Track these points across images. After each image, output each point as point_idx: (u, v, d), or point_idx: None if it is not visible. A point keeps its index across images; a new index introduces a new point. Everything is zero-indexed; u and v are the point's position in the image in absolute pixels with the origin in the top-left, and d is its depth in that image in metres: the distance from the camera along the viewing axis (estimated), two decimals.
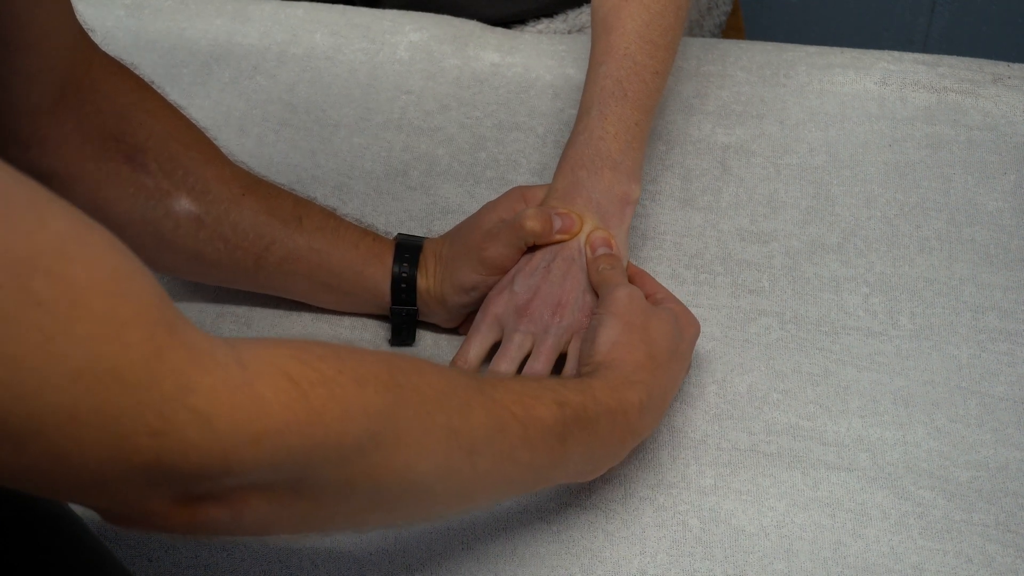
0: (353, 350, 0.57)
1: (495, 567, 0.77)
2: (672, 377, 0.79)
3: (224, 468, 0.48)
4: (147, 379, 0.46)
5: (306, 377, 0.51)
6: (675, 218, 0.97)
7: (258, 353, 0.51)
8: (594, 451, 0.72)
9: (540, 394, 0.67)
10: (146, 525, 0.51)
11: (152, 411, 0.46)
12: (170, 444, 0.47)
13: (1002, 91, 1.04)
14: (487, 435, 0.62)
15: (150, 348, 0.46)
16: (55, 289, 0.44)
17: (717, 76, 1.07)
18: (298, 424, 0.50)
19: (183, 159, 0.81)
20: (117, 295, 0.46)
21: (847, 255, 0.94)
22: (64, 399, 0.44)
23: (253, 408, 0.49)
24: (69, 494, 0.49)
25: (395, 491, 0.57)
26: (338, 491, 0.55)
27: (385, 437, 0.55)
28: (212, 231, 0.83)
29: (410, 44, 1.11)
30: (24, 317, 0.43)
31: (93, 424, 0.45)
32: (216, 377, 0.48)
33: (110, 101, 0.79)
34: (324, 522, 0.58)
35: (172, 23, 1.13)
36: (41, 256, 0.44)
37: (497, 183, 1.00)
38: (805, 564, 0.77)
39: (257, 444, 0.49)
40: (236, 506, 0.51)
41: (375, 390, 0.55)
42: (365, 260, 0.86)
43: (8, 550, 0.65)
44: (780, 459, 0.82)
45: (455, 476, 0.60)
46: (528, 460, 0.65)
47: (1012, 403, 0.85)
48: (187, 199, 0.81)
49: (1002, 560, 0.77)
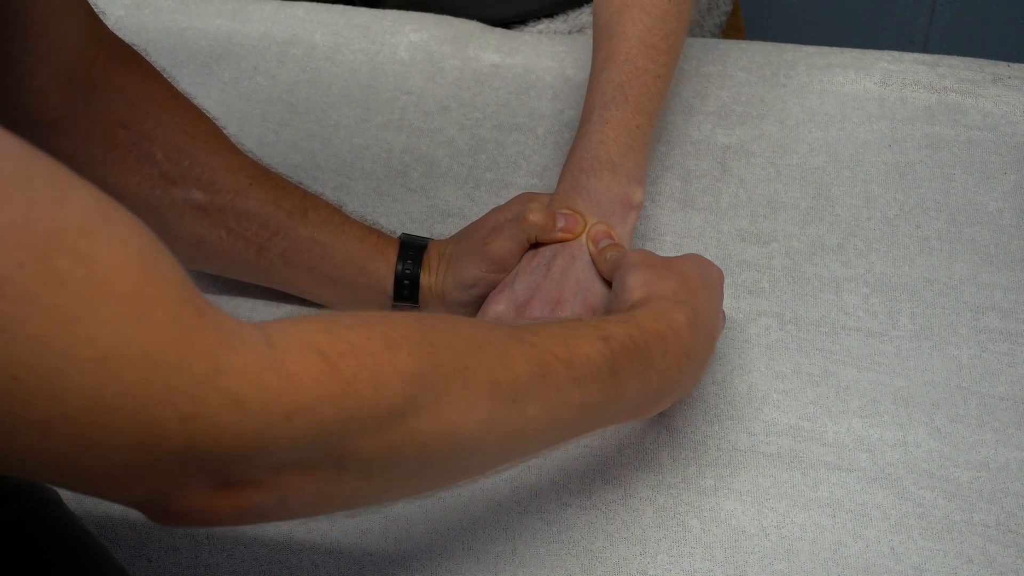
0: (381, 315, 0.55)
1: (495, 567, 0.77)
2: (712, 304, 0.77)
3: (258, 448, 0.47)
4: (176, 362, 0.45)
5: (335, 348, 0.50)
6: (675, 219, 0.97)
7: (285, 330, 0.50)
8: (650, 381, 0.69)
9: (582, 332, 0.65)
10: (193, 520, 0.49)
11: (182, 395, 0.45)
12: (201, 428, 0.45)
13: (1002, 91, 1.04)
14: (531, 381, 0.59)
15: (179, 330, 0.45)
16: (80, 268, 0.43)
17: (717, 76, 1.07)
18: (329, 397, 0.49)
19: (190, 148, 0.81)
20: (143, 275, 0.45)
21: (847, 255, 0.94)
22: (90, 382, 0.43)
23: (283, 386, 0.47)
24: (99, 486, 0.47)
25: (443, 452, 0.55)
26: (384, 461, 0.52)
27: (424, 399, 0.53)
28: (216, 219, 0.83)
29: (410, 44, 1.11)
30: (48, 297, 0.42)
31: (121, 408, 0.43)
32: (245, 357, 0.47)
33: (120, 88, 0.79)
34: (377, 494, 0.56)
35: (172, 23, 1.13)
36: (64, 233, 0.42)
37: (497, 185, 1.00)
38: (805, 564, 0.77)
39: (289, 421, 0.47)
40: (280, 489, 0.50)
41: (407, 352, 0.53)
42: (369, 255, 0.86)
43: (8, 550, 0.65)
44: (780, 460, 0.82)
45: (503, 427, 0.58)
46: (580, 400, 0.63)
47: (1012, 403, 0.85)
48: (193, 188, 0.81)
49: (1003, 560, 0.77)
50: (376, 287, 0.87)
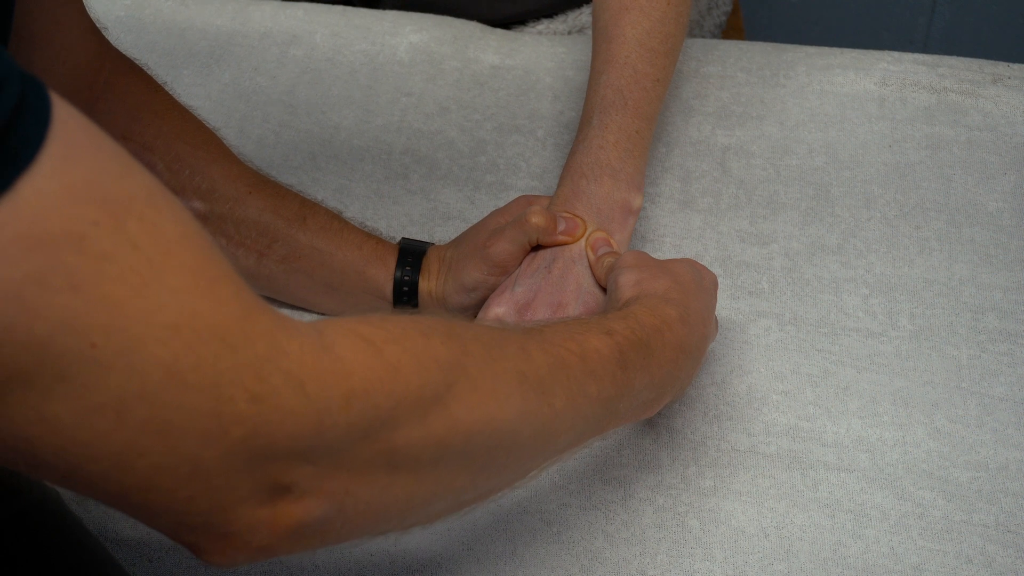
0: (408, 312, 0.55)
1: (495, 567, 0.77)
2: (704, 305, 0.77)
3: (318, 435, 0.47)
4: (243, 339, 0.44)
5: (377, 336, 0.50)
6: (675, 220, 0.97)
7: (326, 322, 0.50)
8: (653, 374, 0.70)
9: (586, 328, 0.66)
10: (251, 543, 0.48)
11: (250, 372, 0.44)
12: (267, 410, 0.45)
13: (1002, 91, 1.04)
14: (552, 373, 0.60)
15: (242, 307, 0.45)
16: (149, 236, 0.42)
17: (717, 77, 1.07)
18: (380, 382, 0.49)
19: (190, 158, 0.82)
20: (206, 251, 0.45)
21: (847, 256, 0.94)
22: (165, 354, 0.42)
23: (338, 369, 0.47)
24: (163, 497, 0.45)
25: (483, 444, 0.55)
26: (432, 454, 0.52)
27: (461, 386, 0.53)
28: (216, 228, 0.83)
29: (410, 45, 1.11)
30: (123, 258, 0.41)
31: (194, 385, 0.43)
32: (301, 341, 0.47)
33: (121, 100, 0.80)
34: (426, 500, 0.55)
35: (172, 23, 1.13)
36: (132, 199, 0.42)
37: (497, 187, 1.00)
38: (805, 565, 0.77)
39: (348, 406, 0.47)
40: (337, 497, 0.49)
41: (440, 341, 0.53)
42: (368, 261, 0.87)
43: (8, 550, 0.66)
44: (780, 460, 0.82)
45: (535, 418, 0.58)
46: (596, 392, 0.64)
47: (1012, 403, 0.85)
48: (193, 197, 0.82)
49: (1002, 561, 0.77)
50: (375, 293, 0.87)
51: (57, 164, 0.40)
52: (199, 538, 0.48)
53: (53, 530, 0.68)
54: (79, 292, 0.40)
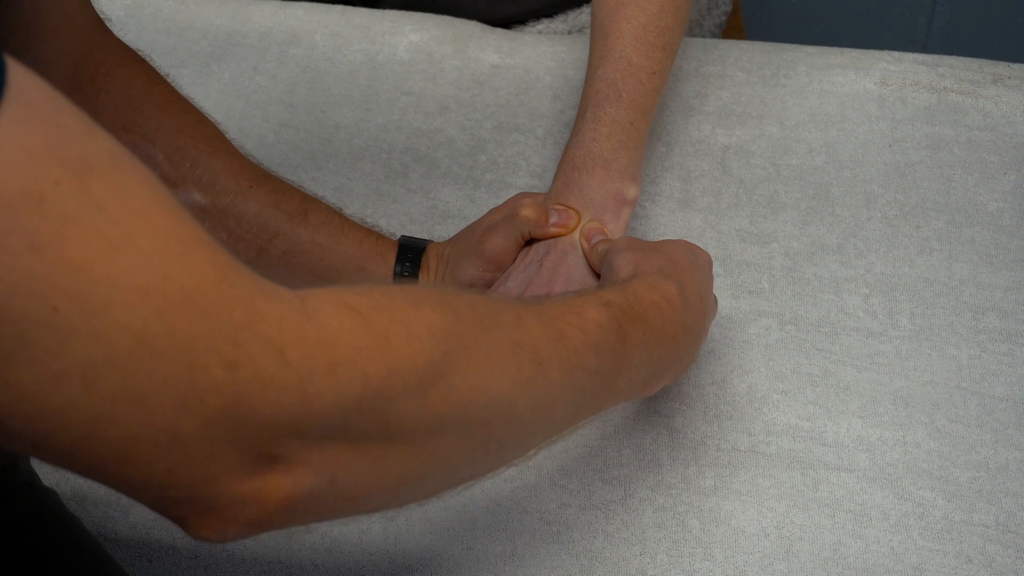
0: (398, 284, 0.54)
1: (495, 567, 0.77)
2: (700, 281, 0.77)
3: (303, 404, 0.45)
4: (217, 303, 0.43)
5: (364, 304, 0.49)
6: (675, 219, 0.97)
7: (312, 290, 0.48)
8: (652, 350, 0.69)
9: (585, 300, 0.65)
10: (240, 517, 0.47)
11: (225, 338, 0.43)
12: (245, 378, 0.43)
13: (1002, 91, 1.04)
14: (549, 344, 0.59)
15: (217, 271, 0.43)
16: (116, 197, 0.41)
17: (717, 77, 1.07)
18: (367, 350, 0.47)
19: (191, 151, 0.82)
20: (178, 214, 0.43)
21: (847, 256, 0.94)
22: (134, 319, 0.41)
23: (321, 337, 0.46)
24: (142, 468, 0.44)
25: (480, 415, 0.54)
26: (428, 425, 0.51)
27: (456, 356, 0.52)
28: (216, 221, 0.83)
29: (410, 45, 1.11)
30: (87, 220, 0.40)
31: (165, 352, 0.41)
32: (282, 306, 0.45)
33: (123, 91, 0.80)
34: (422, 473, 0.53)
35: (172, 23, 1.13)
36: (97, 161, 0.41)
37: (497, 186, 1.00)
38: (805, 565, 0.77)
39: (332, 374, 0.46)
40: (328, 467, 0.48)
41: (432, 309, 0.52)
42: (368, 257, 0.87)
43: (8, 551, 0.66)
44: (780, 460, 0.82)
45: (531, 389, 0.57)
46: (595, 365, 0.63)
47: (1012, 403, 0.85)
48: (194, 190, 0.82)
49: (1002, 560, 0.77)
50: None
51: (14, 125, 0.38)
52: (185, 512, 0.47)
53: (52, 530, 0.68)
54: (39, 254, 0.39)
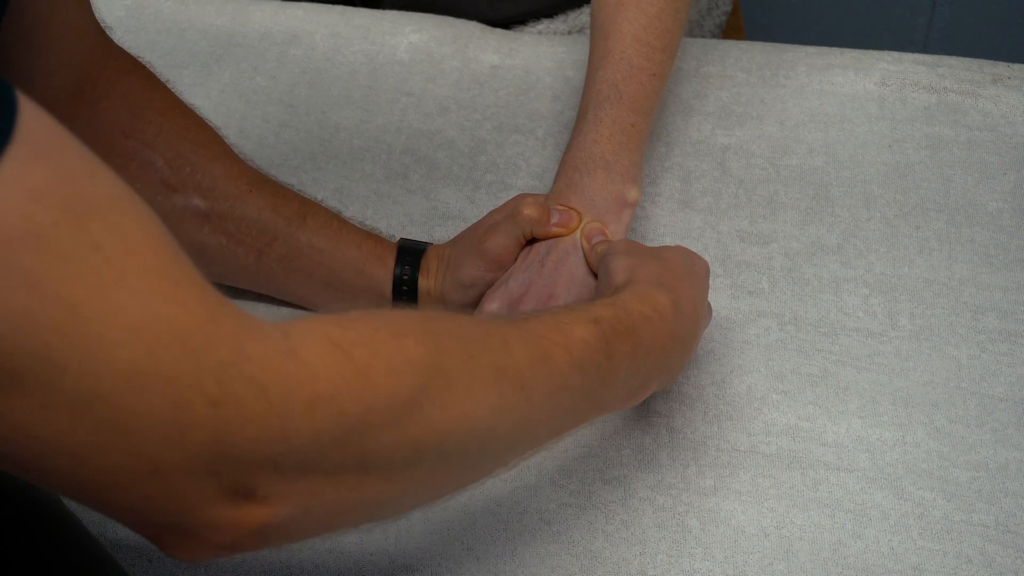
0: (383, 311, 0.55)
1: (495, 567, 0.77)
2: (696, 291, 0.77)
3: (282, 441, 0.46)
4: (204, 343, 0.44)
5: (346, 339, 0.50)
6: (674, 220, 0.97)
7: (297, 324, 0.49)
8: (639, 364, 0.69)
9: (573, 317, 0.65)
10: (214, 539, 0.48)
11: (211, 378, 0.44)
12: (228, 416, 0.45)
13: (1002, 91, 1.04)
14: (533, 366, 0.59)
15: (205, 311, 0.45)
16: (111, 237, 0.42)
17: (717, 77, 1.07)
18: (347, 386, 0.48)
19: (191, 156, 0.82)
20: (170, 254, 0.45)
21: (847, 256, 0.94)
22: (124, 356, 0.42)
23: (302, 374, 0.47)
24: (123, 496, 0.46)
25: (460, 443, 0.55)
26: (405, 456, 0.52)
27: (435, 387, 0.52)
28: (216, 226, 0.84)
29: (410, 45, 1.11)
30: (82, 259, 0.41)
31: (153, 389, 0.43)
32: (266, 345, 0.46)
33: (123, 98, 0.80)
34: (397, 498, 0.55)
35: (172, 23, 1.13)
36: (96, 201, 0.42)
37: (497, 187, 1.00)
38: (805, 565, 0.77)
39: (311, 412, 0.47)
40: (303, 499, 0.49)
41: (415, 341, 0.53)
42: (367, 260, 0.87)
43: (8, 551, 0.66)
44: (780, 460, 0.82)
45: (512, 414, 0.58)
46: (580, 383, 0.63)
47: (1012, 403, 0.85)
48: (193, 194, 0.82)
49: (1002, 560, 0.77)
50: (375, 292, 0.87)
51: (20, 166, 0.40)
52: (162, 533, 0.48)
53: (52, 531, 0.68)
54: (35, 291, 0.40)
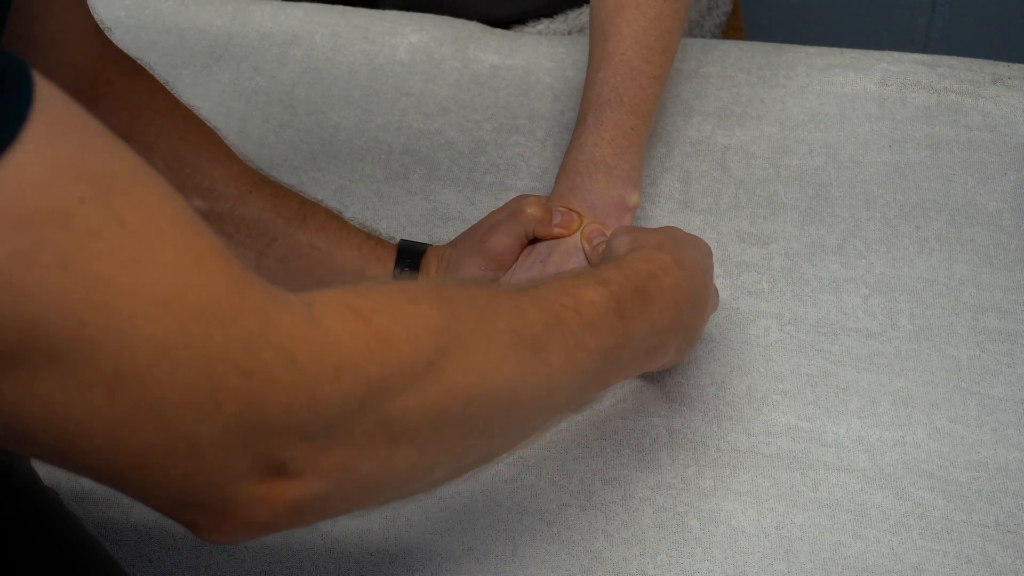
0: (396, 281, 0.55)
1: (495, 567, 0.77)
2: (699, 255, 0.77)
3: (311, 409, 0.47)
4: (233, 314, 0.44)
5: (365, 306, 0.50)
6: (674, 220, 0.97)
7: (317, 293, 0.50)
8: (653, 320, 0.70)
9: (581, 281, 0.66)
10: (250, 521, 0.48)
11: (241, 348, 0.44)
12: (260, 386, 0.45)
13: (1002, 91, 1.04)
14: (547, 329, 0.60)
15: (232, 282, 0.45)
16: (137, 211, 0.42)
17: (717, 77, 1.07)
18: (369, 352, 0.49)
19: (191, 157, 0.82)
20: (194, 227, 0.45)
21: (847, 256, 0.94)
22: (156, 331, 0.42)
23: (327, 341, 0.48)
24: (159, 476, 0.45)
25: (484, 408, 0.55)
26: (431, 422, 0.52)
27: (454, 351, 0.53)
28: (216, 226, 0.83)
29: (410, 45, 1.11)
30: (111, 235, 0.41)
31: (185, 362, 0.43)
32: (292, 314, 0.47)
33: (123, 100, 0.80)
34: (427, 468, 0.55)
35: (172, 23, 1.13)
36: (119, 176, 0.42)
37: (497, 188, 1.00)
38: (805, 565, 0.77)
39: (338, 378, 0.47)
40: (336, 473, 0.49)
41: (430, 306, 0.53)
42: (367, 261, 0.87)
43: (8, 551, 0.66)
44: (779, 460, 0.82)
45: (532, 377, 0.58)
46: (595, 345, 0.63)
47: (1012, 403, 0.85)
48: (194, 196, 0.82)
49: (1002, 561, 0.77)
50: None
51: (41, 142, 0.40)
52: (196, 516, 0.48)
53: (53, 530, 0.68)
54: (68, 270, 0.40)
